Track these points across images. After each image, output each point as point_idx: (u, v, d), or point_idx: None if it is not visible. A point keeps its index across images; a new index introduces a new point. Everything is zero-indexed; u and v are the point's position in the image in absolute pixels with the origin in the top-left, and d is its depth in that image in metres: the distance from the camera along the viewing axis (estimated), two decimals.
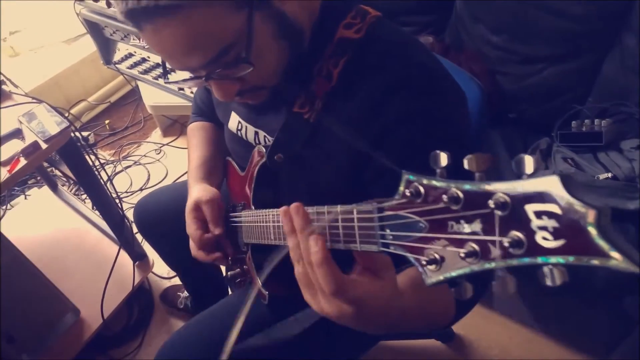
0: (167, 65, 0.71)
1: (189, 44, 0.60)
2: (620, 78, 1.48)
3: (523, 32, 1.61)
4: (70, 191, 2.19)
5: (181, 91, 2.02)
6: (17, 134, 1.22)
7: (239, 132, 0.92)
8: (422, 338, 1.62)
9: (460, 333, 1.63)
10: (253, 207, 0.85)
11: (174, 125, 2.57)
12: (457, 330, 1.63)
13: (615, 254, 0.25)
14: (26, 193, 2.16)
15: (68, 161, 1.40)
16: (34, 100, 1.32)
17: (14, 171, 1.13)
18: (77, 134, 1.37)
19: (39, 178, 2.20)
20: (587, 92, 1.61)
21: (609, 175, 1.35)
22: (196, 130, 1.13)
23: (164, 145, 2.48)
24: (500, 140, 1.65)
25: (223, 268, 1.45)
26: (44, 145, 1.19)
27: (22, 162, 1.16)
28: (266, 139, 0.86)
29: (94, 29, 2.03)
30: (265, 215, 0.75)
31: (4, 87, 1.35)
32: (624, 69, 1.47)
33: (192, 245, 0.96)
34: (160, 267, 1.84)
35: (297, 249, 0.51)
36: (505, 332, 1.62)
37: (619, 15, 1.45)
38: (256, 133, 0.87)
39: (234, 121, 0.92)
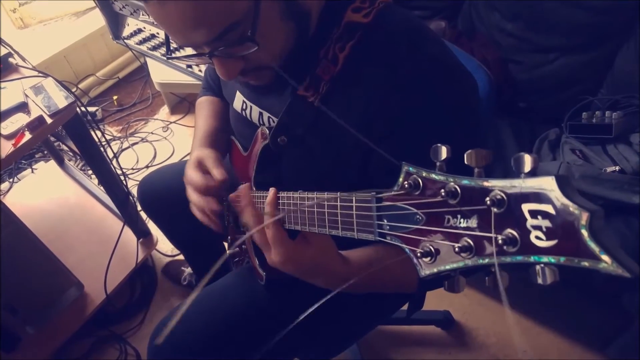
0: (171, 41, 0.70)
1: (195, 18, 0.59)
2: (634, 71, 1.46)
3: (538, 21, 1.59)
4: (77, 166, 2.20)
5: (189, 69, 2.01)
6: (22, 107, 1.22)
7: (243, 112, 0.91)
8: (422, 324, 1.64)
9: (460, 320, 1.65)
10: (254, 188, 0.85)
11: (182, 103, 2.57)
12: (457, 317, 1.64)
13: (605, 257, 0.25)
14: (33, 167, 2.17)
15: (74, 136, 1.40)
16: (41, 74, 1.31)
17: (18, 145, 1.13)
18: (84, 109, 1.36)
19: (46, 152, 2.21)
20: (599, 84, 1.59)
21: (617, 168, 1.33)
22: (205, 103, 1.13)
23: (171, 122, 2.48)
24: (509, 130, 1.64)
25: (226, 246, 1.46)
26: (49, 120, 1.19)
27: (27, 136, 1.15)
28: (270, 120, 0.85)
29: (104, 2, 2.01)
30: (264, 197, 0.74)
31: (10, 59, 1.35)
32: (638, 62, 1.45)
33: (196, 196, 0.92)
34: (164, 245, 1.86)
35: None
36: (504, 321, 1.62)
37: (635, 8, 1.42)
38: (260, 114, 0.87)
39: (239, 101, 0.92)
